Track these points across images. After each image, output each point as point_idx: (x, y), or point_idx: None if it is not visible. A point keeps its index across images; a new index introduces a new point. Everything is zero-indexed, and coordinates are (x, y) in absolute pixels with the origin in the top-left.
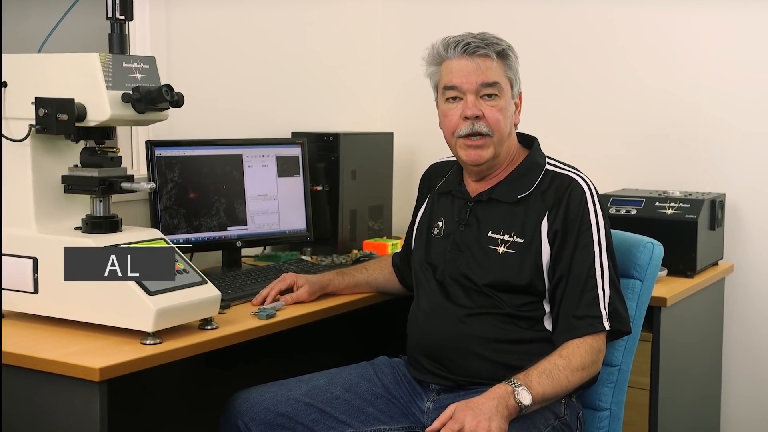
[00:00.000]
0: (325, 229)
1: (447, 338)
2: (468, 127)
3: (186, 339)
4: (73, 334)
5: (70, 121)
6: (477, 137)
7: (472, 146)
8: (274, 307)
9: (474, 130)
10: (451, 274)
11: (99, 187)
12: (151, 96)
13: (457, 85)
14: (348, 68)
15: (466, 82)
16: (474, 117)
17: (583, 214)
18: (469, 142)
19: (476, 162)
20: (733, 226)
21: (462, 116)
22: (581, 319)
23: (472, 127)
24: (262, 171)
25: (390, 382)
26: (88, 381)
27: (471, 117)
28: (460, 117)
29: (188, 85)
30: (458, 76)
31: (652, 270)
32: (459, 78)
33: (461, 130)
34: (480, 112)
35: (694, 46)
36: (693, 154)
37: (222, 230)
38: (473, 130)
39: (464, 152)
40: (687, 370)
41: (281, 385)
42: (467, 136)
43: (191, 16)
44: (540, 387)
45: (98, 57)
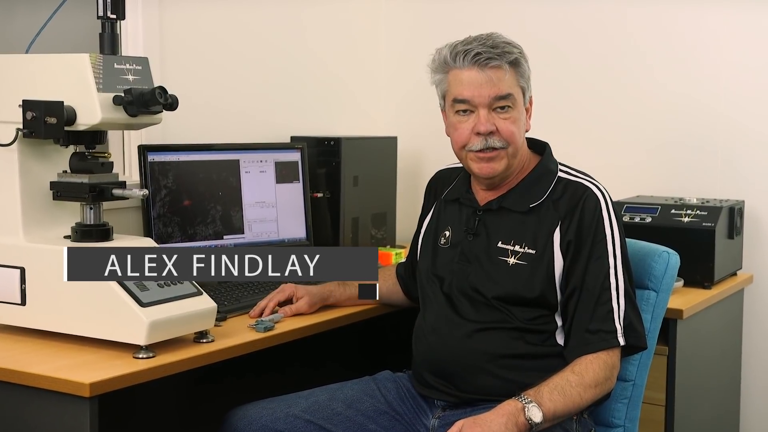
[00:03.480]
0: (326, 237)
1: (454, 354)
2: (481, 143)
3: (180, 353)
4: (63, 348)
5: (59, 125)
6: (490, 150)
7: (484, 159)
8: (273, 320)
9: (487, 146)
10: (458, 286)
11: (89, 193)
12: (143, 98)
13: (468, 99)
14: (350, 69)
15: (478, 95)
16: (487, 133)
17: (598, 224)
18: (481, 155)
19: (489, 175)
20: (752, 234)
21: (474, 131)
22: (595, 334)
23: (485, 143)
24: (260, 177)
25: (394, 398)
26: (77, 397)
27: (484, 133)
28: (472, 132)
29: (183, 87)
30: (469, 89)
31: (668, 281)
32: (470, 91)
33: (473, 146)
34: (493, 127)
35: (713, 47)
36: (710, 159)
37: (218, 239)
38: (486, 146)
39: (476, 165)
40: (704, 386)
41: (280, 401)
42: (479, 150)
43: (186, 14)
44: (551, 404)
45: (88, 58)
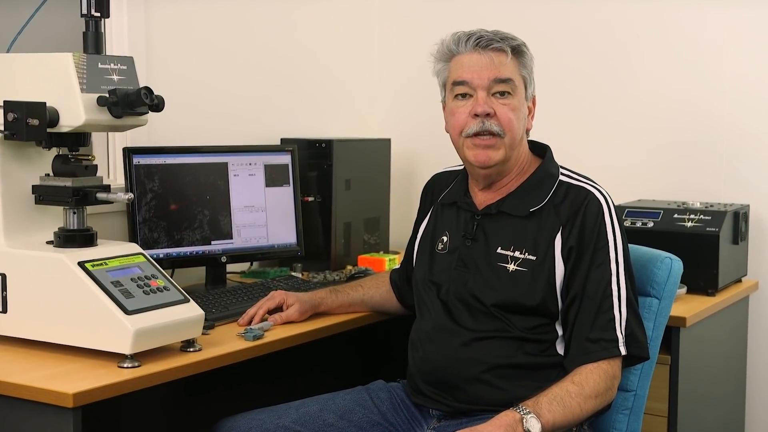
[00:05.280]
0: (317, 243)
1: (451, 363)
2: (477, 125)
3: (167, 362)
4: (45, 357)
5: (41, 127)
6: (487, 136)
7: (480, 146)
8: (262, 328)
9: (484, 129)
10: (456, 293)
11: (73, 197)
12: (128, 99)
13: (468, 80)
14: (342, 68)
15: (478, 77)
16: (484, 114)
17: (600, 230)
18: (477, 141)
19: (485, 164)
20: (758, 240)
21: (471, 114)
22: (595, 343)
23: (482, 125)
24: (249, 180)
25: (387, 408)
26: (61, 407)
27: (481, 114)
28: (469, 114)
29: (169, 87)
30: (469, 71)
31: (671, 287)
32: (470, 73)
33: (470, 129)
34: (491, 110)
35: (717, 43)
36: (715, 161)
37: (205, 244)
38: (483, 129)
39: (472, 152)
40: (708, 396)
41: (270, 412)
42: (476, 135)
43: (173, 12)
44: (550, 415)
45: (72, 57)
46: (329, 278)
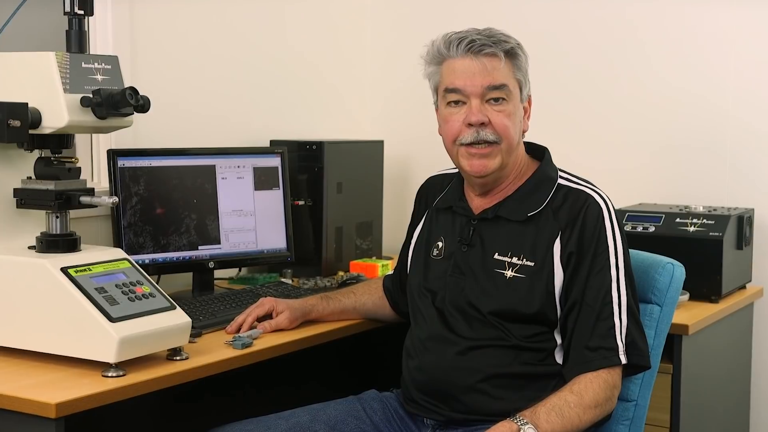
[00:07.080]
0: (308, 248)
1: (446, 373)
2: (472, 135)
3: (152, 371)
4: (27, 366)
5: (23, 128)
6: (482, 145)
7: (476, 155)
8: (251, 336)
9: (479, 138)
10: (452, 300)
11: (55, 201)
12: (113, 100)
13: (460, 88)
14: (333, 68)
15: (471, 84)
16: (479, 123)
17: (600, 235)
18: (473, 150)
19: (481, 173)
20: (762, 245)
21: (465, 123)
22: (595, 351)
23: (477, 135)
24: (238, 183)
25: (380, 419)
26: (43, 418)
27: (476, 124)
28: (463, 123)
29: (155, 87)
30: (461, 78)
31: (673, 294)
32: (462, 80)
33: (464, 138)
34: (486, 119)
35: (721, 42)
36: (718, 164)
37: (193, 250)
38: (478, 138)
39: (467, 162)
40: (711, 406)
41: (259, 423)
42: (471, 144)
43: (158, 10)
44: (548, 425)
45: (54, 56)
46: (320, 284)
